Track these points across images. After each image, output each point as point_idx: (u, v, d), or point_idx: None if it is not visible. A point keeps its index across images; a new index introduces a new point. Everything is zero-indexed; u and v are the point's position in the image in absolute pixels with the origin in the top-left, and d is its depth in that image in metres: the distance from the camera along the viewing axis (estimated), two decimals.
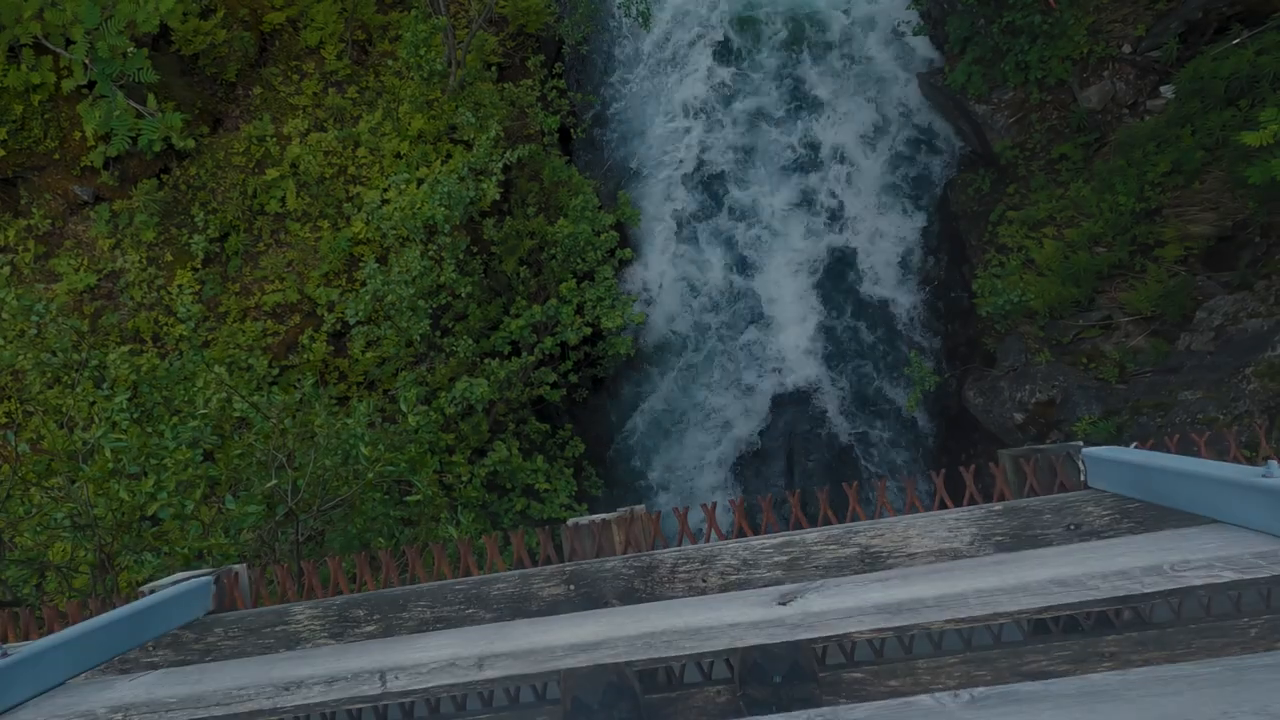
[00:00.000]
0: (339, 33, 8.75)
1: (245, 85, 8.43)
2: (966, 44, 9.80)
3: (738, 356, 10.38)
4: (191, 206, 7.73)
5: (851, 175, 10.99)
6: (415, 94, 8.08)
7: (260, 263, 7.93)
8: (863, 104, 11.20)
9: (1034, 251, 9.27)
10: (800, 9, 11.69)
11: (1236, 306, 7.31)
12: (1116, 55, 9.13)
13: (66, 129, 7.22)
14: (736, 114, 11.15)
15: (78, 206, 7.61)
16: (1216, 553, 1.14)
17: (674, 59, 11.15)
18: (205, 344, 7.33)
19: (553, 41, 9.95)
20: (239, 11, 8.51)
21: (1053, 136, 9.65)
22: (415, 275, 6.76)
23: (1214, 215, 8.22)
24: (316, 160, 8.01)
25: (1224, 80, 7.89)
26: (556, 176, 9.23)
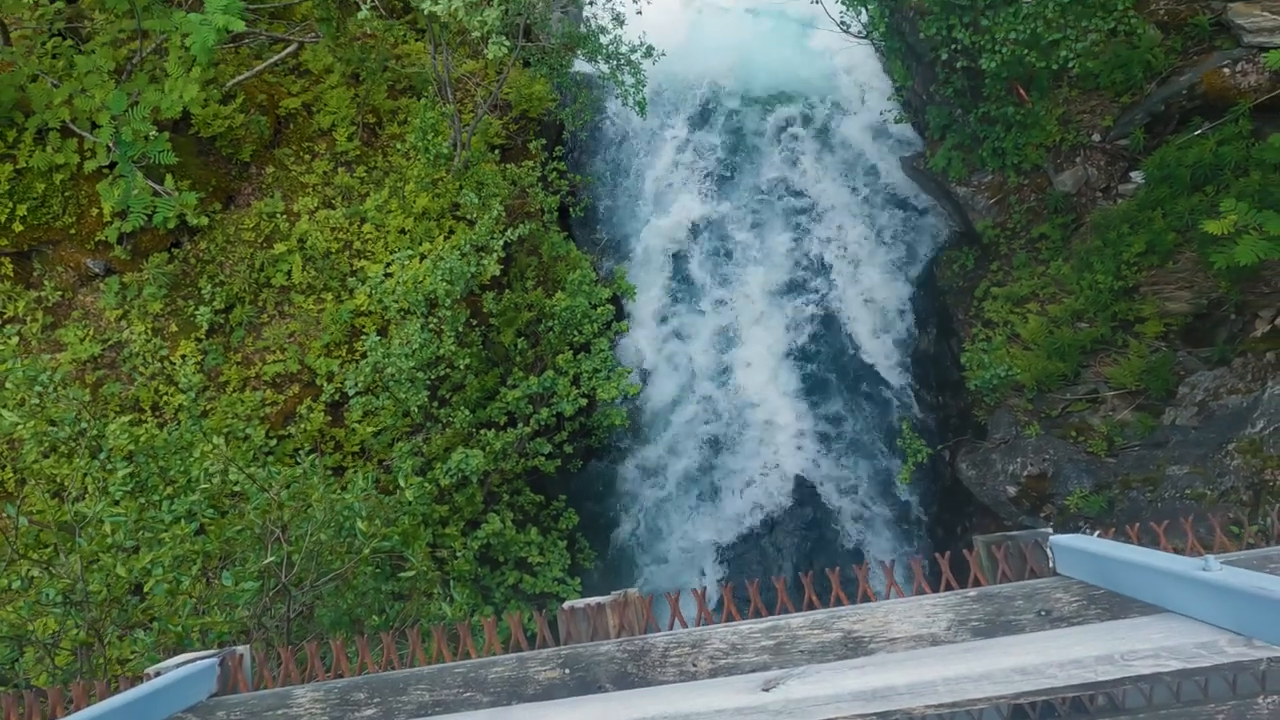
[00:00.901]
0: (350, 116, 9.21)
1: (259, 165, 8.80)
2: (946, 131, 10.36)
3: (728, 429, 10.47)
4: (199, 279, 7.95)
5: (839, 252, 11.38)
6: (421, 174, 8.45)
7: (263, 333, 8.09)
8: (849, 184, 11.71)
9: (1019, 326, 9.53)
10: (789, 96, 12.38)
11: (1217, 382, 7.50)
12: (1087, 143, 9.65)
13: (85, 206, 7.51)
14: (727, 193, 11.63)
15: (88, 278, 7.83)
16: (1163, 642, 1.22)
17: (669, 144, 11.72)
18: (204, 414, 7.40)
19: (554, 125, 10.47)
20: (257, 97, 8.97)
21: (1032, 217, 10.08)
22: (416, 348, 6.92)
23: (1189, 294, 8.53)
24: (323, 236, 8.29)
25: (1189, 168, 8.34)
26: (555, 252, 9.54)
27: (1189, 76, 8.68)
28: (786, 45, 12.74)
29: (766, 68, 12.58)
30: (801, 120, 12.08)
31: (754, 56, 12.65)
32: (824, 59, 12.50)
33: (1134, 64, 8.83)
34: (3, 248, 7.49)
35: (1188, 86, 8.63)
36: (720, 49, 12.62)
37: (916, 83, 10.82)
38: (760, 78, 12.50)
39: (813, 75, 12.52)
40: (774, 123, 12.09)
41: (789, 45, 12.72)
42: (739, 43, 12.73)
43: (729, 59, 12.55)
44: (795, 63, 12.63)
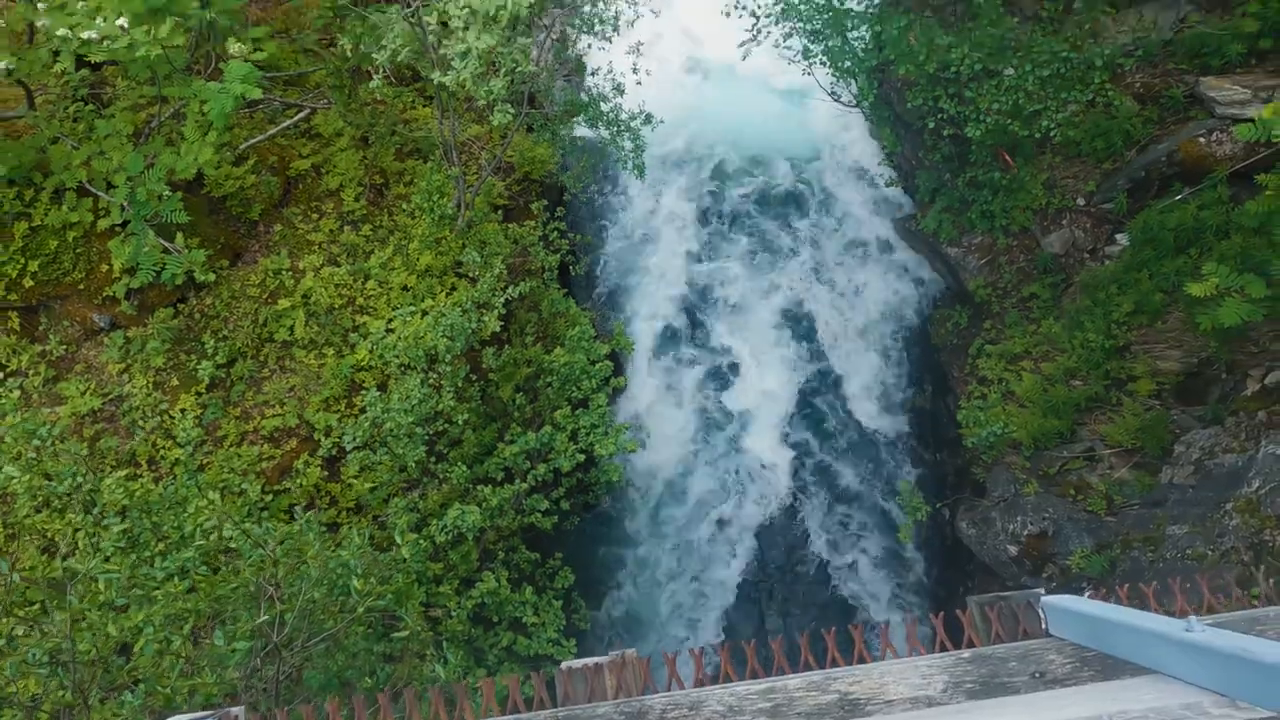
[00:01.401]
0: (358, 177, 9.50)
1: (267, 223, 9.02)
2: (935, 194, 10.69)
3: (726, 488, 10.42)
4: (203, 334, 8.04)
5: (834, 310, 11.57)
6: (425, 233, 8.66)
7: (263, 388, 8.13)
8: (844, 245, 12.00)
9: (1013, 384, 9.61)
10: (784, 159, 12.80)
11: (1212, 441, 7.53)
12: (1073, 207, 9.95)
13: (95, 262, 7.66)
14: (723, 251, 11.89)
15: (93, 333, 7.91)
16: (1151, 704, 1.23)
17: (667, 205, 12.05)
18: (201, 468, 7.38)
19: (556, 187, 10.78)
20: (269, 159, 9.27)
21: (1022, 277, 10.30)
22: (415, 403, 6.95)
23: (1180, 352, 8.65)
24: (327, 292, 8.44)
25: (1171, 231, 8.59)
26: (555, 308, 9.69)
27: (1167, 145, 9.02)
28: (782, 111, 13.24)
29: (762, 132, 13.05)
30: (795, 182, 12.46)
31: (750, 121, 13.14)
32: (818, 124, 12.98)
33: (1113, 133, 9.19)
34: (12, 302, 7.60)
35: (1166, 154, 8.96)
36: (718, 115, 13.12)
37: (906, 148, 11.22)
38: (756, 142, 12.95)
39: (807, 139, 12.98)
40: (769, 185, 12.47)
41: (784, 111, 13.23)
42: (736, 108, 13.24)
43: (727, 124, 13.04)
44: (790, 127, 13.11)
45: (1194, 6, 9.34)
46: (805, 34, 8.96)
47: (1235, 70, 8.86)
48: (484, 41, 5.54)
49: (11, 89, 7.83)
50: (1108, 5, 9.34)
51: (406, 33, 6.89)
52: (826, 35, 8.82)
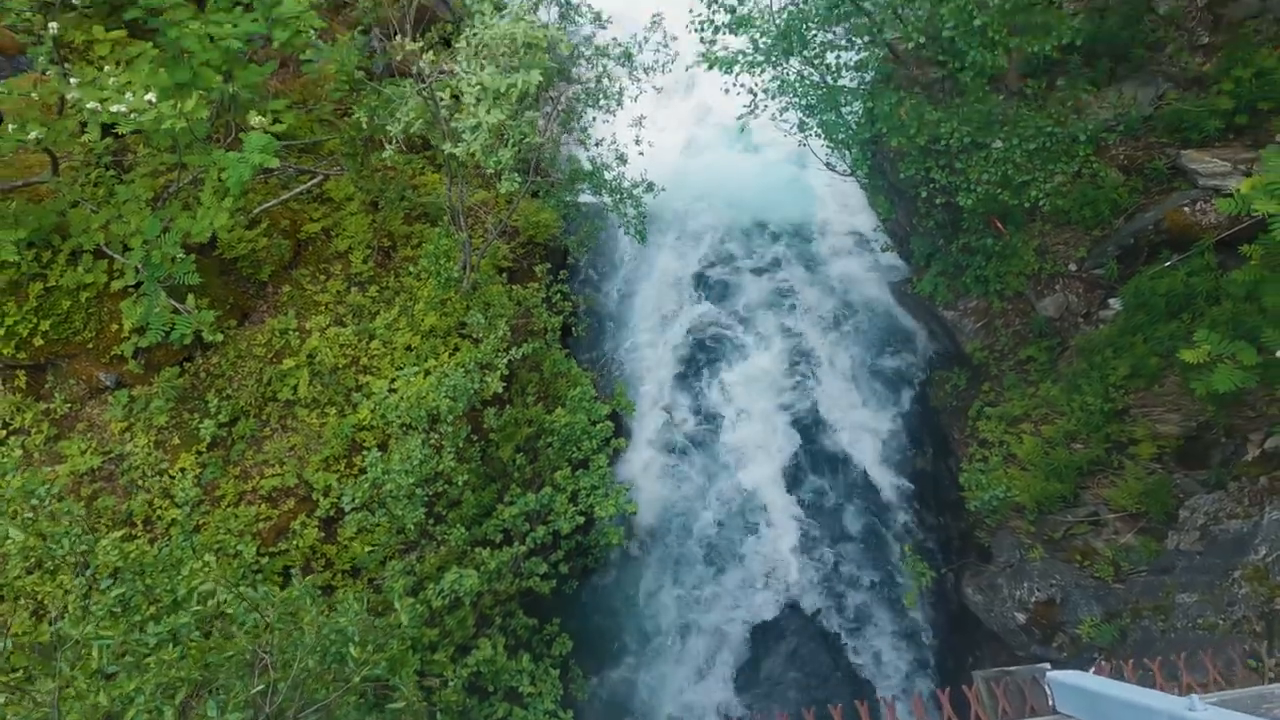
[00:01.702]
0: (367, 240, 9.74)
1: (276, 284, 9.20)
2: (930, 259, 10.93)
3: (727, 554, 10.28)
4: (207, 393, 8.10)
5: (834, 373, 11.65)
6: (431, 295, 8.83)
7: (264, 447, 8.13)
8: (842, 308, 12.18)
9: (1014, 447, 9.60)
10: (782, 223, 13.13)
11: (1216, 506, 7.48)
12: (1065, 272, 10.14)
13: (105, 321, 7.79)
14: (724, 314, 12.07)
15: (98, 391, 7.97)
16: None
17: (668, 268, 12.31)
18: (197, 529, 7.31)
19: (559, 250, 11.04)
20: (280, 222, 9.52)
21: (1018, 340, 10.42)
22: (416, 464, 6.95)
23: (1179, 416, 8.67)
24: (332, 352, 8.54)
25: (1163, 297, 8.74)
26: (556, 368, 9.78)
27: (1153, 214, 9.28)
28: (780, 177, 13.66)
29: (762, 198, 13.43)
30: (794, 247, 12.76)
31: (750, 187, 13.54)
32: (816, 190, 13.38)
33: (1101, 202, 9.48)
34: (20, 360, 7.68)
35: (1153, 223, 9.21)
36: (720, 180, 13.53)
37: (900, 215, 11.54)
38: (755, 207, 13.32)
39: (806, 205, 13.35)
40: (768, 249, 12.76)
41: (783, 177, 13.64)
42: (737, 175, 13.67)
43: (728, 190, 13.44)
44: (788, 193, 13.50)
45: (1171, 84, 9.77)
46: (800, 108, 9.35)
47: (1214, 144, 9.20)
48: (494, 116, 5.80)
49: (37, 156, 8.12)
50: (1088, 84, 9.77)
51: (419, 106, 7.21)
52: (821, 110, 9.21)
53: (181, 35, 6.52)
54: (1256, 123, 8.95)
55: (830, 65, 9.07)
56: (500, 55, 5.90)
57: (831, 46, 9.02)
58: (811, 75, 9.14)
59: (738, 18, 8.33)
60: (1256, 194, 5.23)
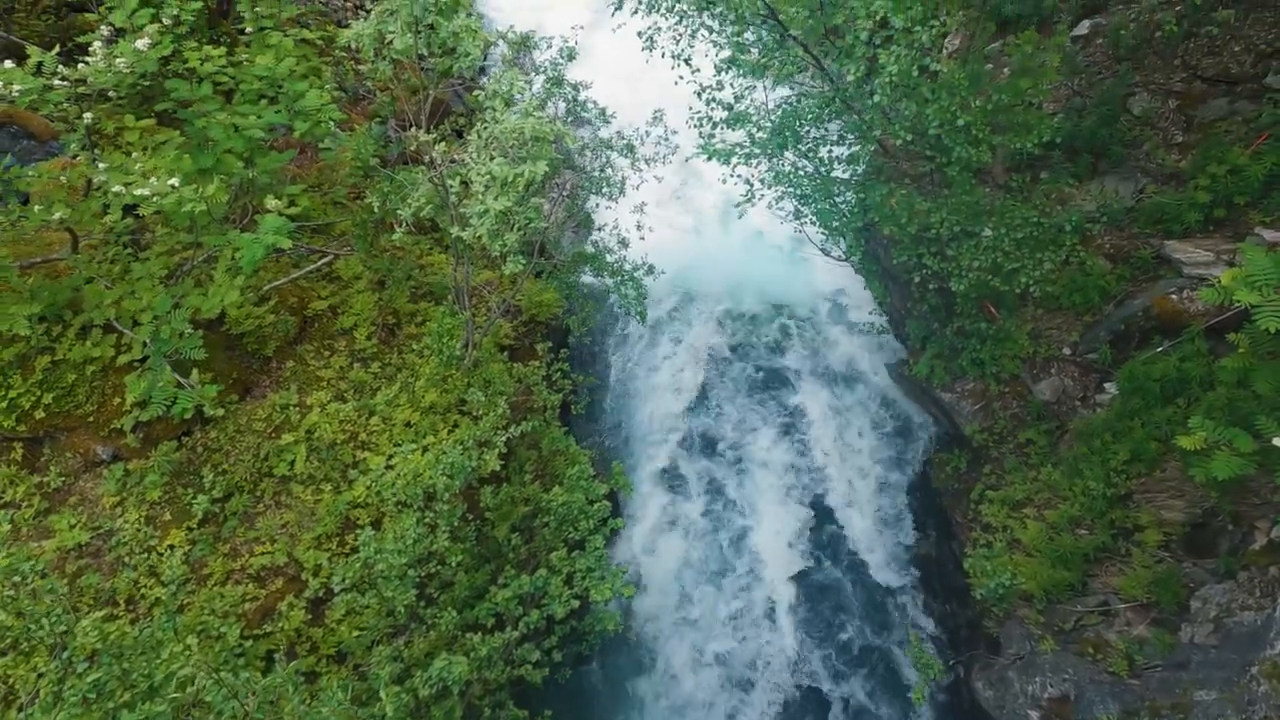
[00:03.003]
0: (372, 317, 9.93)
1: (280, 359, 9.31)
2: (926, 342, 11.08)
3: (729, 643, 9.94)
4: (203, 467, 8.05)
5: (833, 455, 11.60)
6: (433, 372, 8.92)
7: (256, 524, 8.01)
8: (840, 390, 12.26)
9: (1018, 531, 9.44)
10: (780, 306, 13.39)
11: (1228, 597, 7.30)
12: (1059, 356, 10.27)
13: (108, 395, 7.84)
14: (722, 394, 12.13)
15: (94, 464, 7.93)
16: None
17: (667, 349, 12.48)
18: (181, 608, 7.11)
19: (560, 329, 11.23)
20: (288, 299, 9.73)
21: (1016, 423, 10.42)
22: (410, 543, 6.84)
23: (1183, 502, 8.58)
24: (331, 427, 8.54)
25: (1157, 382, 8.81)
26: (555, 446, 9.74)
27: (1141, 300, 9.50)
28: (777, 260, 14.04)
29: (760, 280, 13.77)
30: (792, 329, 12.97)
31: (748, 269, 13.90)
32: (813, 273, 13.71)
33: (1090, 289, 9.71)
34: (19, 433, 7.69)
35: (1142, 309, 9.41)
36: (719, 263, 13.90)
37: (895, 298, 11.79)
38: (754, 288, 13.63)
39: (803, 286, 13.66)
40: (766, 331, 12.97)
41: (780, 260, 14.02)
42: (735, 257, 14.05)
43: (726, 271, 13.79)
44: (785, 276, 13.84)
45: (1150, 179, 10.21)
46: (796, 197, 9.75)
47: (1196, 235, 9.53)
48: (501, 203, 6.06)
49: (58, 233, 8.41)
50: (1071, 177, 10.21)
51: (430, 192, 7.53)
52: (815, 199, 9.60)
53: (209, 125, 6.89)
54: (1234, 215, 9.30)
55: (823, 158, 9.51)
56: (509, 147, 6.23)
57: (824, 141, 9.49)
58: (805, 167, 9.58)
59: (734, 114, 8.81)
60: (1237, 285, 5.39)
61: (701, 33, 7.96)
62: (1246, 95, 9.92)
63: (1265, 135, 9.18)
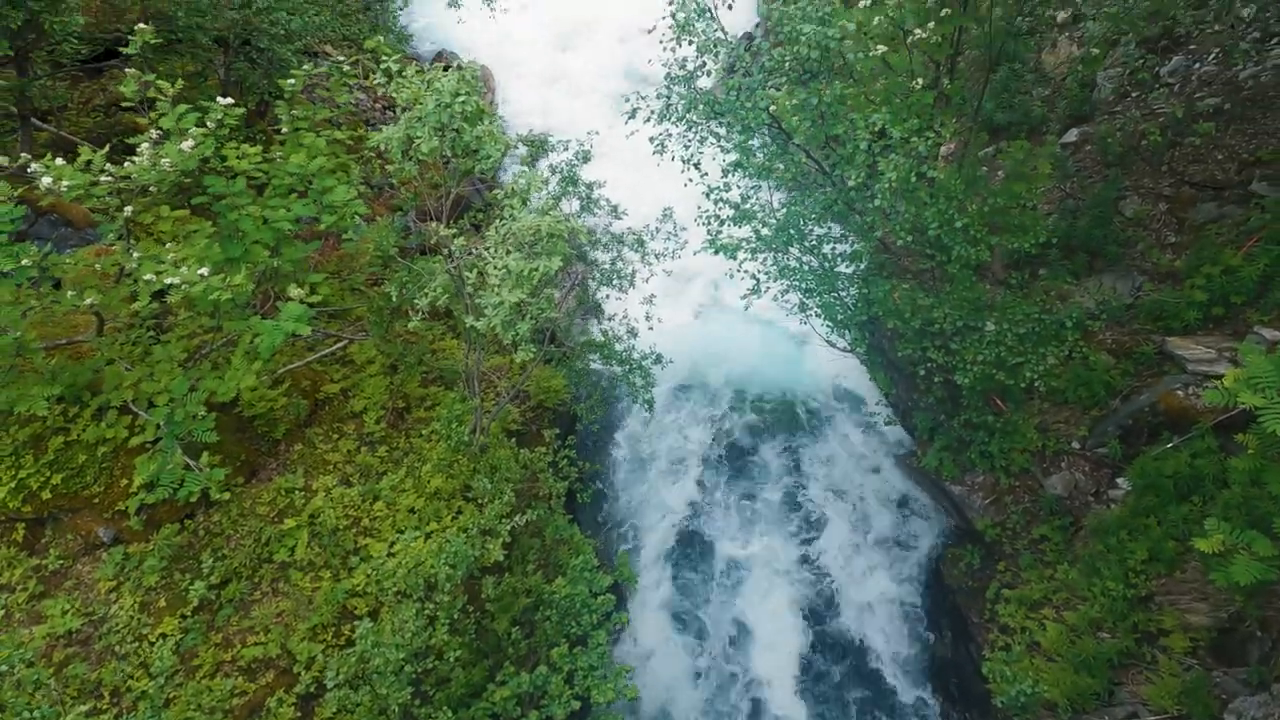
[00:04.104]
0: (382, 401, 10.03)
1: (289, 442, 9.35)
2: (933, 434, 11.05)
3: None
4: (203, 552, 7.95)
5: (842, 548, 11.36)
6: (440, 457, 8.92)
7: (251, 612, 7.82)
8: (849, 481, 12.13)
9: (1038, 634, 9.09)
10: (786, 395, 13.45)
11: (1263, 711, 6.93)
12: (1069, 450, 10.21)
13: (116, 476, 7.86)
14: (729, 486, 12.02)
15: (94, 547, 7.84)
16: None
17: (675, 438, 12.47)
18: (167, 703, 6.84)
19: (568, 415, 11.28)
20: (301, 382, 9.88)
21: (1029, 518, 10.24)
22: (409, 635, 6.64)
23: (1206, 606, 8.29)
24: (335, 512, 8.47)
25: (1170, 478, 8.72)
26: (559, 534, 9.59)
27: (1147, 396, 9.53)
28: (783, 349, 14.21)
29: (767, 369, 13.89)
30: (798, 418, 12.98)
31: (755, 359, 14.05)
32: (819, 363, 13.84)
33: (1094, 383, 9.77)
34: (23, 514, 7.66)
35: (1149, 405, 9.43)
36: (726, 352, 14.08)
37: (901, 390, 11.86)
38: (761, 378, 13.74)
39: (810, 376, 13.76)
40: (771, 420, 12.98)
41: (787, 350, 14.19)
42: (742, 346, 14.24)
43: (733, 361, 13.94)
44: (791, 366, 13.98)
45: (1147, 277, 10.48)
46: (800, 290, 10.01)
47: (1196, 332, 9.67)
48: (516, 295, 6.27)
49: (84, 315, 8.67)
50: (1069, 275, 10.49)
51: (446, 282, 7.79)
52: (819, 293, 9.85)
53: (240, 218, 7.24)
54: (1233, 314, 9.47)
55: (827, 254, 9.84)
56: (525, 243, 6.51)
57: (827, 239, 9.84)
58: (810, 262, 9.89)
59: (741, 213, 9.20)
60: (1240, 387, 5.45)
61: (709, 139, 8.44)
62: (1234, 199, 10.32)
63: (1255, 238, 9.49)
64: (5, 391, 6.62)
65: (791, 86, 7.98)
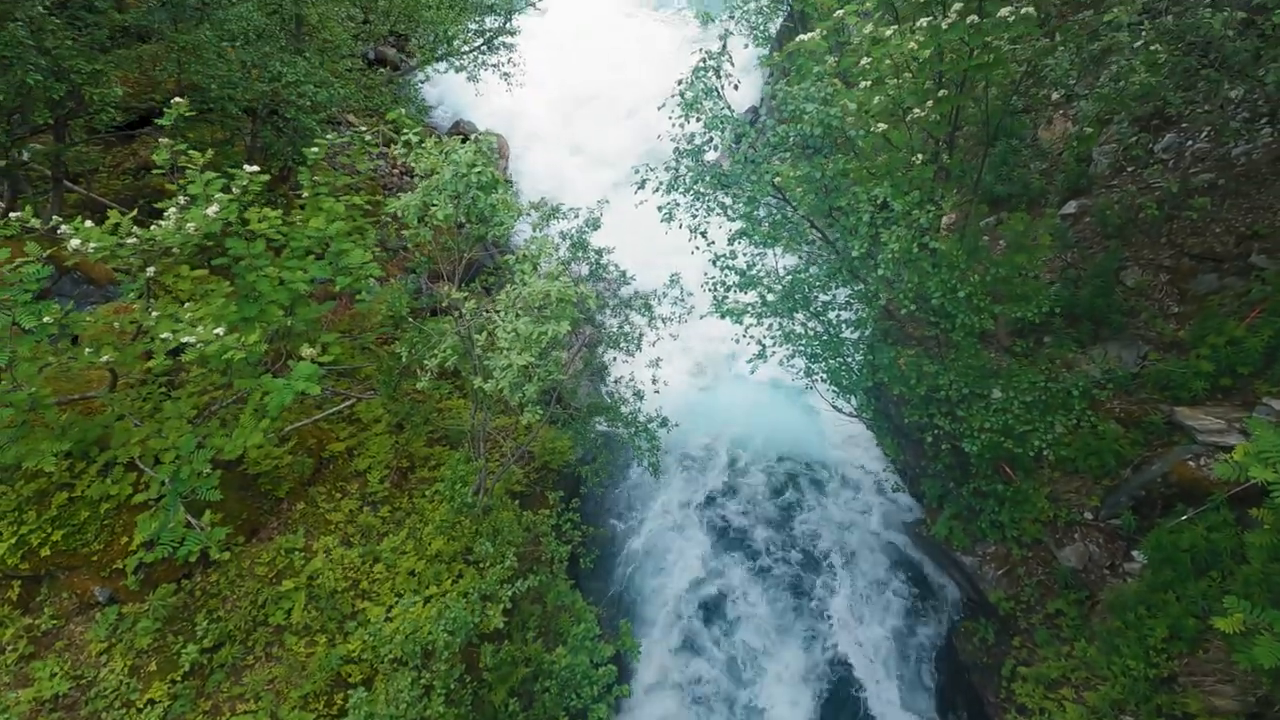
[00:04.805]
0: (386, 460, 10.01)
1: (291, 500, 9.31)
2: (942, 501, 10.89)
3: None
4: (198, 614, 7.81)
5: (852, 622, 11.03)
6: (442, 519, 8.84)
7: (243, 678, 7.62)
8: (857, 550, 11.89)
9: (1057, 715, 8.72)
10: (794, 460, 13.34)
11: None
12: (1081, 521, 10.01)
13: (117, 534, 7.80)
14: (735, 553, 11.79)
15: (89, 606, 7.72)
16: None
17: (680, 503, 12.33)
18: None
19: (573, 477, 11.20)
20: (307, 440, 9.91)
21: (1044, 591, 9.95)
22: (403, 707, 6.43)
23: (1233, 689, 7.96)
24: (334, 574, 8.35)
25: (1186, 552, 8.51)
26: (560, 601, 9.38)
27: (1159, 466, 9.41)
28: (790, 413, 14.17)
29: (772, 434, 13.82)
30: (804, 484, 12.83)
31: (762, 423, 14.00)
32: (826, 427, 13.78)
33: (1105, 453, 9.67)
34: (21, 571, 7.58)
35: (1161, 475, 9.30)
36: (730, 414, 14.05)
37: (908, 456, 11.75)
38: (767, 443, 13.65)
39: (814, 441, 13.67)
40: (777, 485, 12.83)
41: (792, 413, 14.15)
42: (749, 410, 14.21)
43: (739, 424, 13.90)
44: (797, 430, 13.91)
45: (1151, 346, 10.50)
46: (806, 355, 10.07)
47: (1205, 402, 9.62)
48: (524, 359, 6.35)
49: (98, 371, 8.80)
50: (1074, 343, 10.53)
51: (456, 343, 7.90)
52: (824, 358, 9.91)
53: (258, 280, 7.43)
54: (1240, 384, 9.44)
55: (831, 320, 9.94)
56: (535, 307, 6.64)
57: (832, 305, 9.97)
58: (815, 327, 9.99)
59: (746, 279, 9.36)
60: (1250, 461, 5.40)
61: (716, 209, 8.69)
62: (1234, 271, 10.44)
63: (1258, 310, 9.55)
64: (15, 447, 6.66)
65: (796, 159, 8.26)
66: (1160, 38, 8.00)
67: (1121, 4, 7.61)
